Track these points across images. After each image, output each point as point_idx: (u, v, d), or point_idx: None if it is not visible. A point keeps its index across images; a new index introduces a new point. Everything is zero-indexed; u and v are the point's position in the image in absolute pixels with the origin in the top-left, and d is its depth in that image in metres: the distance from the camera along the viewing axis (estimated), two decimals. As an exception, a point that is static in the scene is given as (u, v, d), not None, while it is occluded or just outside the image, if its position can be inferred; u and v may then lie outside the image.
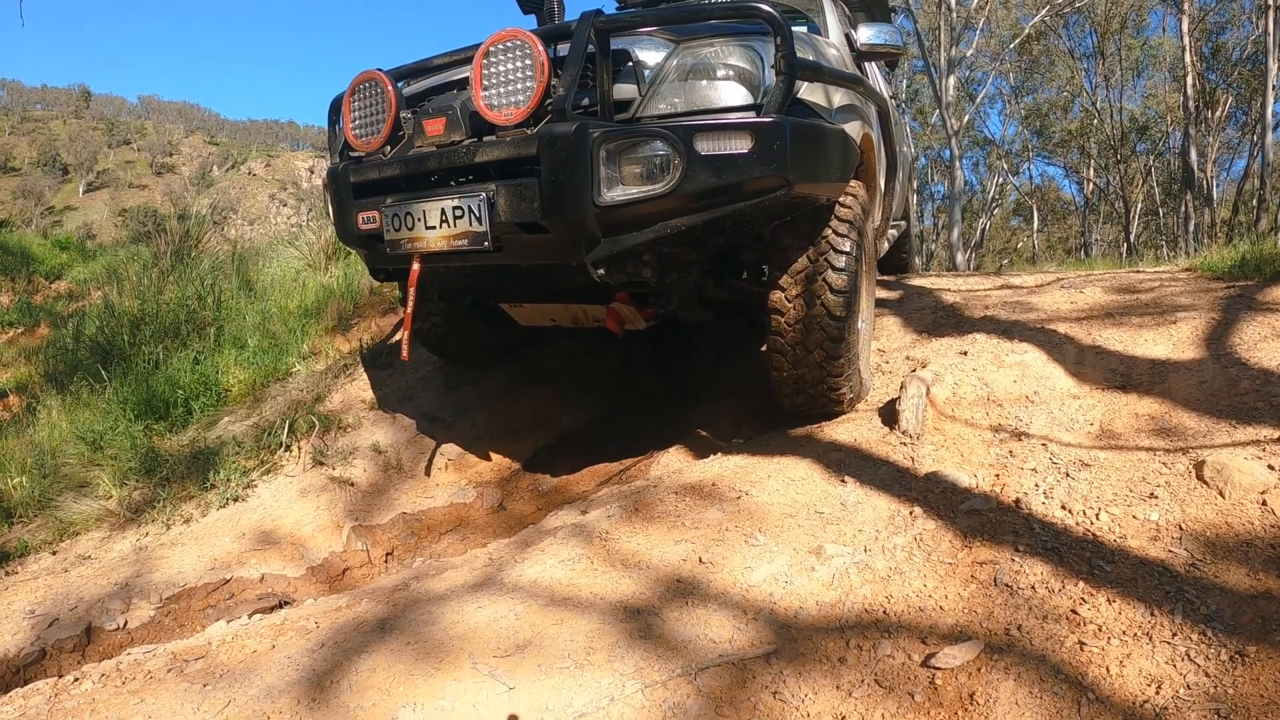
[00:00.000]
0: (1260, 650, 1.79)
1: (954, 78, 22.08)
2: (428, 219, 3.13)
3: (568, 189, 2.76)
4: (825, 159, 3.12)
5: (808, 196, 3.11)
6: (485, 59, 2.95)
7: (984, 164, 36.08)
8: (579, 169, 2.74)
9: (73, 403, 5.23)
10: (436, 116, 3.19)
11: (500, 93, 2.93)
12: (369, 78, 3.42)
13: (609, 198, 2.79)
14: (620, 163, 2.81)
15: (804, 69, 2.90)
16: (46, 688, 2.16)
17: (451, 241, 3.07)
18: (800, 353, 3.36)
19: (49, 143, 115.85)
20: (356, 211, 3.45)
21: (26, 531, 3.97)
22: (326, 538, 3.81)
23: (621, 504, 2.96)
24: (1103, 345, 3.75)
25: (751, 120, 2.82)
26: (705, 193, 2.82)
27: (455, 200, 3.02)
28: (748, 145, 2.77)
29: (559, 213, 2.81)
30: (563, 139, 2.74)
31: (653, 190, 2.79)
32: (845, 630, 2.10)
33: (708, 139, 2.76)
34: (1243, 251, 5.30)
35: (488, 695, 1.94)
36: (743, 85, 2.92)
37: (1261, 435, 2.67)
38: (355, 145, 3.49)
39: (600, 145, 2.76)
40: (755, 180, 2.82)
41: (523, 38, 2.88)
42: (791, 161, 2.81)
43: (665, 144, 2.76)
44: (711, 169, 2.77)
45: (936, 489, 2.75)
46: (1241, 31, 26.30)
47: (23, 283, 11.58)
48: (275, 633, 2.35)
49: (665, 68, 2.94)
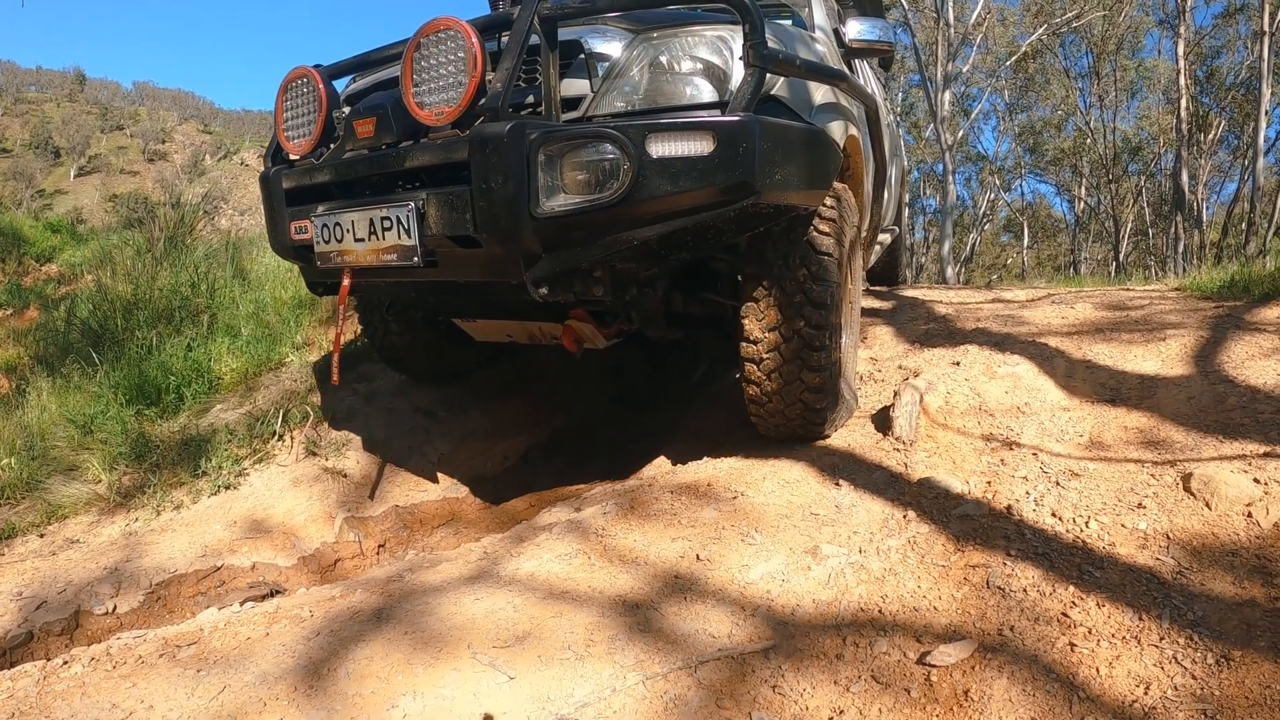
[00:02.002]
0: (1245, 654, 1.83)
1: (950, 93, 22.24)
2: (356, 230, 2.85)
3: (501, 198, 2.46)
4: (801, 163, 2.80)
5: (781, 206, 2.79)
6: (416, 52, 2.67)
7: (976, 179, 36.33)
8: (513, 175, 2.44)
9: (63, 385, 5.21)
10: (367, 117, 2.91)
11: (431, 89, 2.64)
12: (300, 74, 3.16)
13: (549, 208, 2.48)
14: (562, 168, 2.49)
15: (776, 62, 2.59)
16: (35, 670, 2.14)
17: (380, 255, 2.81)
18: (775, 375, 3.08)
19: (42, 125, 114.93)
20: (289, 220, 3.20)
21: (14, 513, 3.94)
22: (319, 528, 3.81)
23: (617, 501, 2.97)
24: (1093, 360, 3.80)
25: (713, 119, 2.52)
26: (660, 202, 2.51)
27: (384, 210, 2.75)
28: (709, 147, 2.46)
29: (492, 225, 2.50)
30: (494, 141, 2.43)
31: (599, 199, 2.47)
32: (842, 628, 2.14)
33: (662, 140, 2.45)
34: (1232, 272, 5.38)
35: (488, 684, 1.94)
36: (710, 80, 2.65)
37: (1247, 450, 2.73)
38: (286, 148, 3.25)
39: (538, 148, 2.45)
40: (718, 187, 2.51)
41: (455, 27, 2.58)
42: (760, 166, 2.51)
43: (613, 146, 2.44)
44: (667, 175, 2.46)
45: (929, 494, 2.78)
46: (1236, 56, 26.60)
47: (13, 264, 11.49)
48: (269, 620, 2.34)
49: (622, 60, 2.66)
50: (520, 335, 3.82)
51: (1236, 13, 25.43)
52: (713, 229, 2.71)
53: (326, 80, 3.09)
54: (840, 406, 3.31)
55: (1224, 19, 26.04)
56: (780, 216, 2.88)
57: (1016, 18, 27.39)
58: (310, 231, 3.05)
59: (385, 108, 2.84)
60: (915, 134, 32.09)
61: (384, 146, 2.86)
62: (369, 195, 2.92)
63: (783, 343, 3.01)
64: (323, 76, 3.08)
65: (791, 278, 2.98)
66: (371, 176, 2.90)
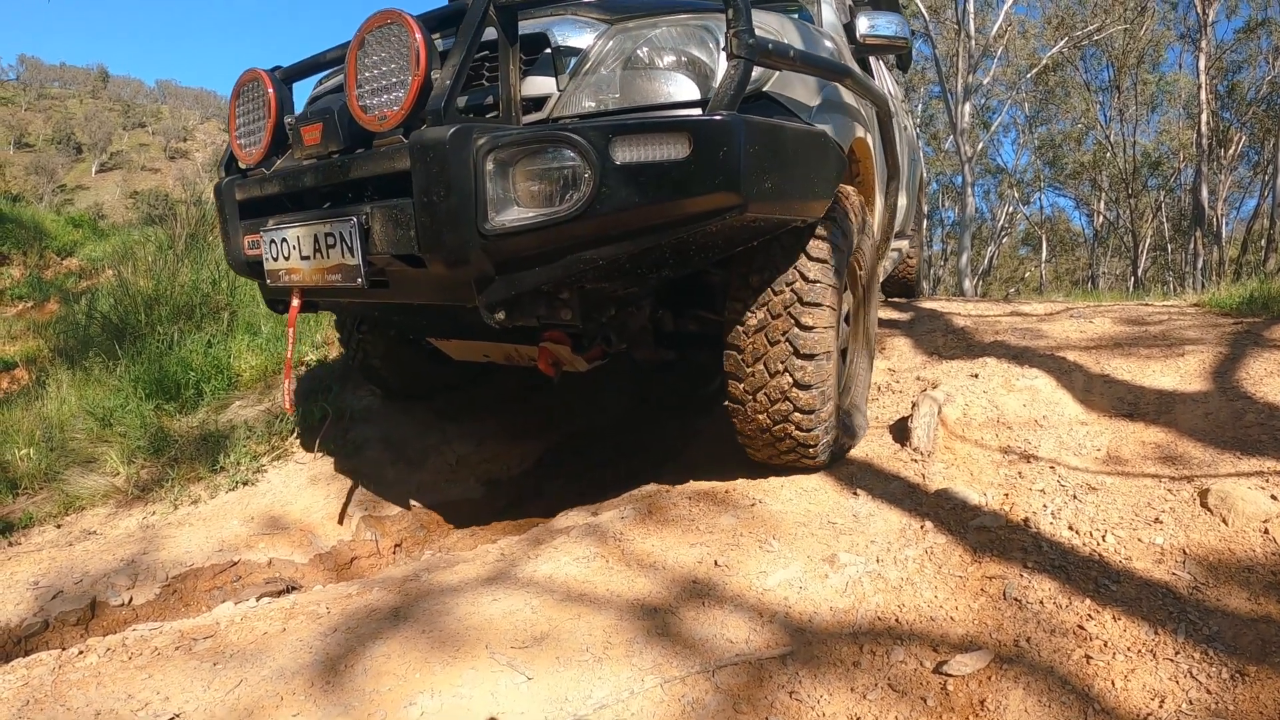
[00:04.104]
0: (1260, 670, 1.84)
1: (969, 104, 22.20)
2: (301, 247, 2.62)
3: (444, 213, 2.18)
4: (797, 169, 2.49)
5: (773, 219, 2.49)
6: (360, 49, 2.41)
7: (995, 192, 36.24)
8: (458, 187, 2.16)
9: (83, 378, 5.27)
10: (313, 122, 2.66)
11: (373, 91, 2.39)
12: (250, 77, 2.95)
13: (499, 224, 2.19)
14: (514, 177, 2.21)
15: (764, 53, 2.25)
16: (50, 659, 2.16)
17: (325, 275, 2.55)
18: (762, 401, 2.82)
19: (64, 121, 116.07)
20: (243, 234, 3.01)
21: (32, 503, 3.99)
22: (335, 526, 3.84)
23: (635, 506, 2.99)
24: (1111, 374, 3.79)
25: (689, 118, 2.21)
26: (628, 215, 2.19)
27: (327, 226, 2.50)
28: (684, 151, 2.13)
29: (435, 244, 2.23)
30: (435, 148, 2.16)
31: (556, 214, 2.17)
32: (859, 636, 2.15)
33: (630, 144, 2.14)
34: (1251, 289, 5.35)
35: (506, 684, 1.96)
36: (693, 76, 2.33)
37: (1265, 466, 2.72)
38: (239, 156, 3.02)
39: (486, 155, 2.17)
40: (696, 199, 2.19)
41: (398, 20, 2.31)
42: (746, 173, 2.19)
43: (573, 151, 2.14)
44: (634, 184, 2.14)
45: (947, 505, 2.79)
46: (1258, 71, 26.50)
47: (35, 257, 11.58)
48: (286, 616, 2.35)
49: (593, 54, 2.37)
50: (496, 356, 3.58)
51: (1258, 27, 25.36)
52: (695, 246, 2.43)
53: (277, 83, 2.88)
54: (843, 435, 3.10)
55: (1245, 34, 25.98)
56: (774, 230, 2.60)
57: (1037, 30, 27.38)
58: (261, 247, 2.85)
59: (331, 112, 2.59)
60: (935, 146, 32.08)
61: (331, 155, 2.62)
62: (316, 209, 2.68)
63: (769, 360, 2.76)
64: (273, 79, 2.88)
65: (783, 292, 2.71)
66: (319, 188, 2.65)
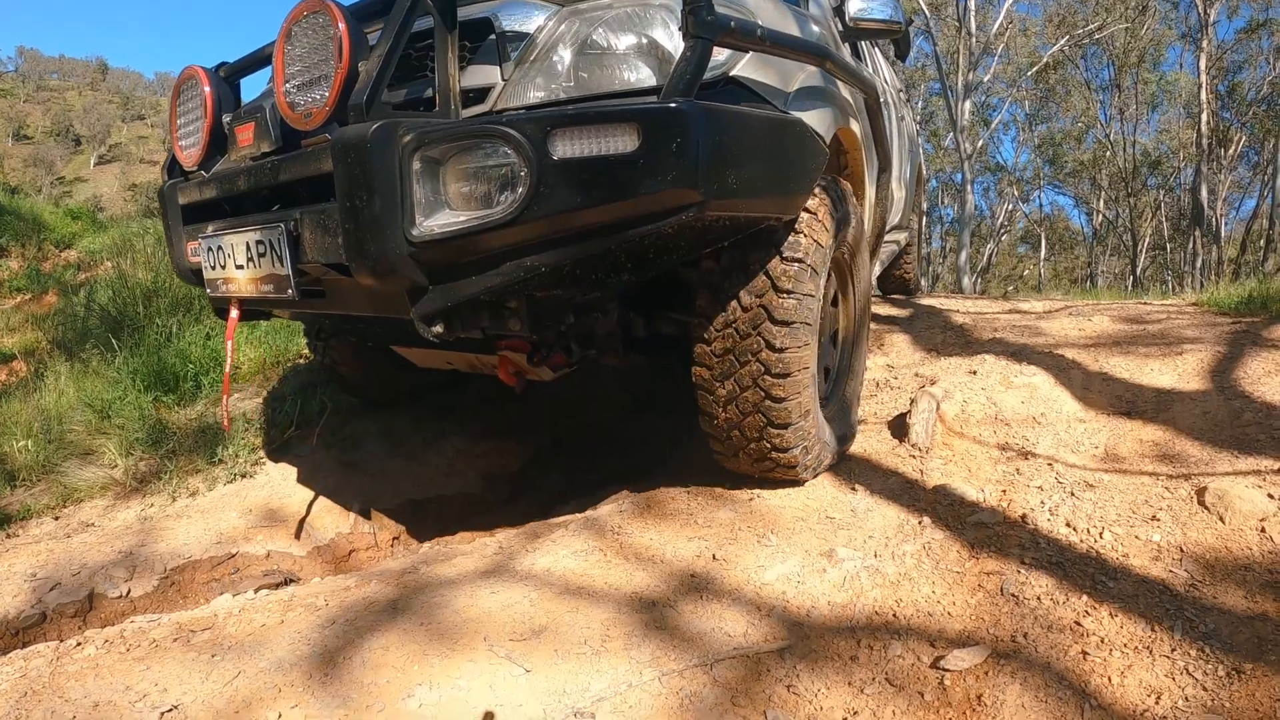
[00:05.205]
0: (1256, 668, 1.85)
1: (970, 102, 22.19)
2: (235, 256, 2.44)
3: (367, 219, 1.97)
4: (769, 162, 2.25)
5: (740, 217, 2.26)
6: (286, 41, 2.21)
7: (994, 190, 36.27)
8: (382, 189, 1.95)
9: (81, 370, 5.27)
10: (246, 121, 2.50)
11: (299, 86, 2.19)
12: (188, 75, 2.77)
13: (428, 229, 1.98)
14: (445, 177, 2.00)
15: (725, 31, 1.99)
16: (48, 650, 2.15)
17: (258, 286, 2.38)
18: (730, 407, 2.64)
19: (63, 113, 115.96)
20: (186, 241, 2.84)
21: (29, 495, 3.98)
22: (333, 519, 3.84)
23: (633, 500, 2.99)
24: (1109, 372, 3.80)
25: (637, 105, 1.98)
26: (570, 217, 1.97)
27: (258, 233, 2.32)
28: (632, 144, 1.90)
29: (360, 252, 2.01)
30: (356, 147, 1.95)
31: (488, 217, 1.94)
32: (856, 630, 2.15)
33: (570, 137, 1.91)
34: (1250, 289, 5.37)
35: (504, 676, 1.96)
36: (652, 61, 2.13)
37: (1262, 465, 2.73)
38: (180, 158, 2.85)
39: (412, 153, 1.96)
40: (646, 197, 1.94)
41: (321, 8, 2.11)
42: (705, 167, 1.96)
43: (507, 146, 1.92)
44: (577, 182, 1.92)
45: (945, 501, 2.80)
46: (1258, 71, 26.52)
47: (33, 249, 11.56)
48: (283, 608, 2.35)
49: (542, 39, 2.16)
50: (460, 364, 3.42)
51: (1259, 28, 25.33)
52: (654, 249, 2.23)
53: (215, 81, 2.70)
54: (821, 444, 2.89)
55: (1246, 34, 25.94)
56: (744, 230, 2.40)
57: (1038, 28, 27.41)
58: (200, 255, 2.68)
59: (263, 111, 2.43)
60: (935, 143, 32.07)
61: (264, 156, 2.45)
62: (254, 214, 2.51)
63: (737, 371, 2.56)
64: (210, 76, 2.70)
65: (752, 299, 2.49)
66: (252, 193, 2.47)
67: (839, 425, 3.14)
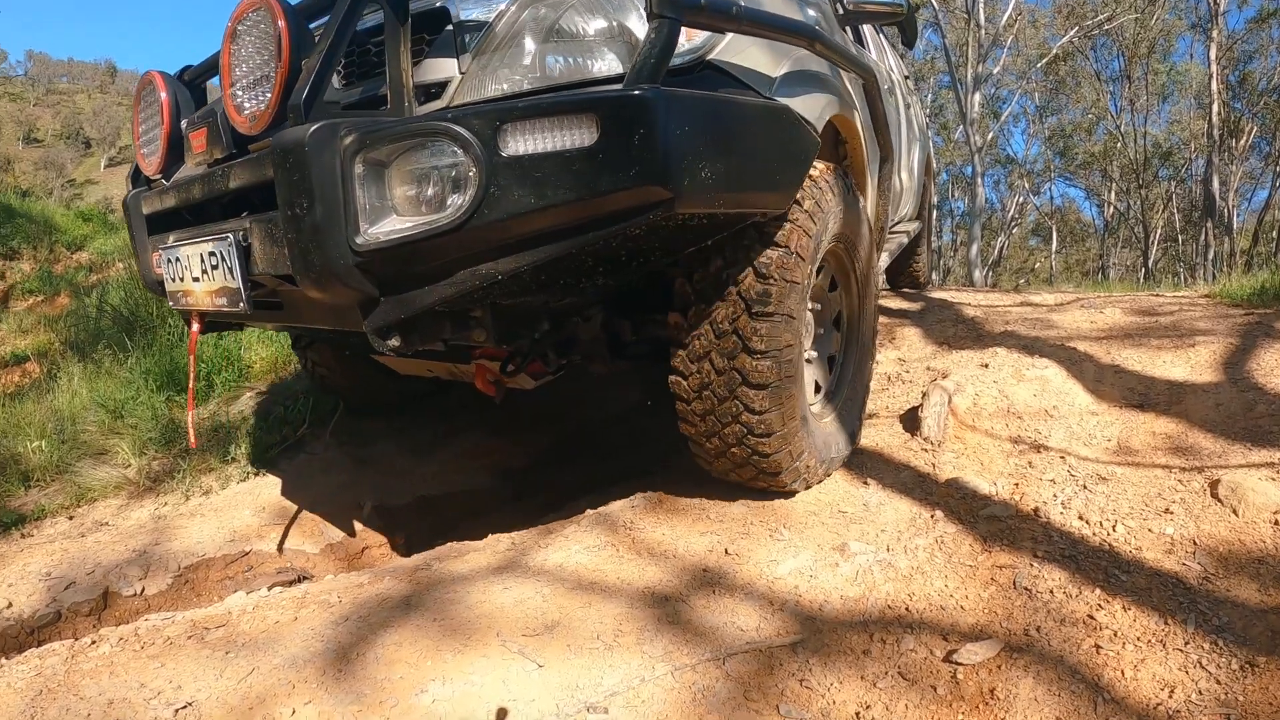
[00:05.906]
0: (1270, 661, 1.84)
1: (979, 94, 22.13)
2: (192, 267, 2.33)
3: (309, 227, 1.83)
4: (750, 153, 2.06)
5: (719, 215, 2.06)
6: (232, 41, 2.09)
7: (1005, 182, 36.16)
8: (323, 195, 1.81)
9: (94, 371, 5.31)
10: (199, 127, 2.36)
11: (244, 87, 2.08)
12: (146, 80, 2.67)
13: (373, 236, 1.84)
14: (391, 181, 1.86)
15: (694, 10, 1.82)
16: (63, 649, 2.16)
17: (213, 299, 2.26)
18: (709, 418, 2.50)
19: (73, 116, 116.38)
20: (151, 251, 2.73)
21: (44, 495, 4.01)
22: (346, 516, 3.85)
23: (645, 495, 2.99)
24: (1122, 365, 3.79)
25: (594, 94, 1.82)
26: (524, 221, 1.81)
27: (210, 244, 2.20)
28: (590, 137, 1.75)
29: (304, 262, 1.88)
30: (294, 151, 1.81)
31: (435, 223, 1.80)
32: (869, 624, 2.15)
33: (522, 131, 1.76)
34: (1262, 280, 5.33)
35: (517, 671, 1.96)
36: (622, 48, 1.95)
37: (1276, 458, 2.73)
38: (142, 166, 2.77)
39: (354, 156, 1.82)
40: (607, 195, 1.78)
41: (262, 4, 1.98)
42: (673, 160, 1.79)
43: (454, 144, 1.78)
44: (530, 181, 1.76)
45: (957, 494, 2.79)
46: (1269, 61, 26.33)
47: (45, 251, 11.63)
48: (297, 605, 2.36)
49: (501, 28, 1.97)
50: (440, 372, 3.31)
51: (1270, 17, 25.16)
52: (626, 251, 2.08)
53: (172, 85, 2.59)
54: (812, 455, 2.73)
55: (1257, 24, 25.77)
56: (725, 228, 2.21)
57: (1048, 20, 27.27)
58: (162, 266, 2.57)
59: (215, 115, 2.29)
60: (945, 136, 31.95)
61: (214, 162, 2.33)
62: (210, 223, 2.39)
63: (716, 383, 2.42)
64: (167, 81, 2.59)
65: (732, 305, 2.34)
66: (206, 201, 2.35)
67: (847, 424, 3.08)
